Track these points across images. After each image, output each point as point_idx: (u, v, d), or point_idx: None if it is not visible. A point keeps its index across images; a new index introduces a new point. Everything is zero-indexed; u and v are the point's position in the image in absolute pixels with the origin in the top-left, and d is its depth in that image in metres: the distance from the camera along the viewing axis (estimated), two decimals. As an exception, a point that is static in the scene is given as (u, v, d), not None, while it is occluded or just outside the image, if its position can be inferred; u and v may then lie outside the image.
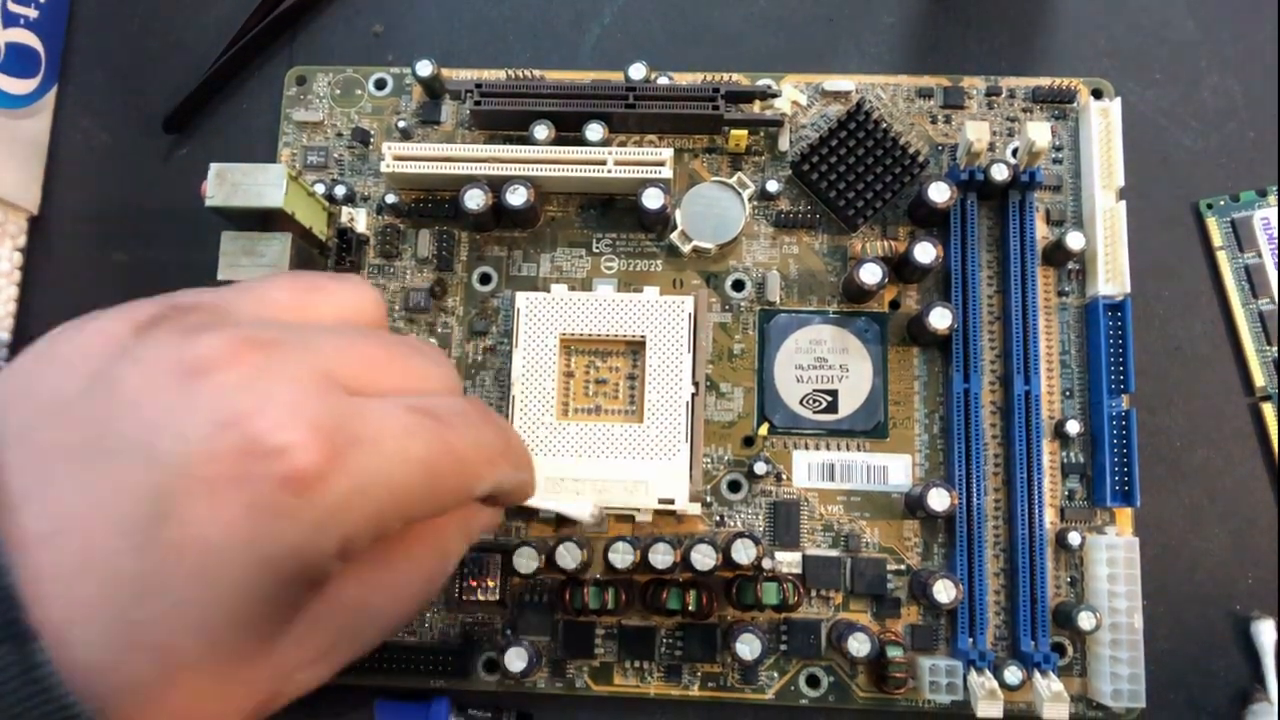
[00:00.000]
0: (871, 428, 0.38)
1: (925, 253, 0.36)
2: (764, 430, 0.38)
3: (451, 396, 0.23)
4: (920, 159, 0.38)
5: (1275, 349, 0.38)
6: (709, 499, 0.38)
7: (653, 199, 0.37)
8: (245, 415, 0.18)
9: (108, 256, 0.42)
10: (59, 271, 0.42)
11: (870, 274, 0.37)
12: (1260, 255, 0.39)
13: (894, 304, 0.39)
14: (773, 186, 0.39)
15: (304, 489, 0.18)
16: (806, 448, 0.38)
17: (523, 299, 0.37)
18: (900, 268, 0.38)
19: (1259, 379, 0.38)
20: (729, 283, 0.39)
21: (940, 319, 0.36)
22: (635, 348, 0.38)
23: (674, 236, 0.39)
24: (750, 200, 0.39)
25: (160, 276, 0.41)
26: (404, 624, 0.24)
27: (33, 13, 0.42)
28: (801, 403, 0.38)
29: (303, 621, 0.20)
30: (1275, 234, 0.39)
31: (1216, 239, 0.39)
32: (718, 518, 0.38)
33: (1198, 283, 0.39)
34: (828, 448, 0.38)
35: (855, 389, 0.38)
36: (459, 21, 0.43)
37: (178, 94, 0.42)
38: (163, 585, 0.18)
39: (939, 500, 0.35)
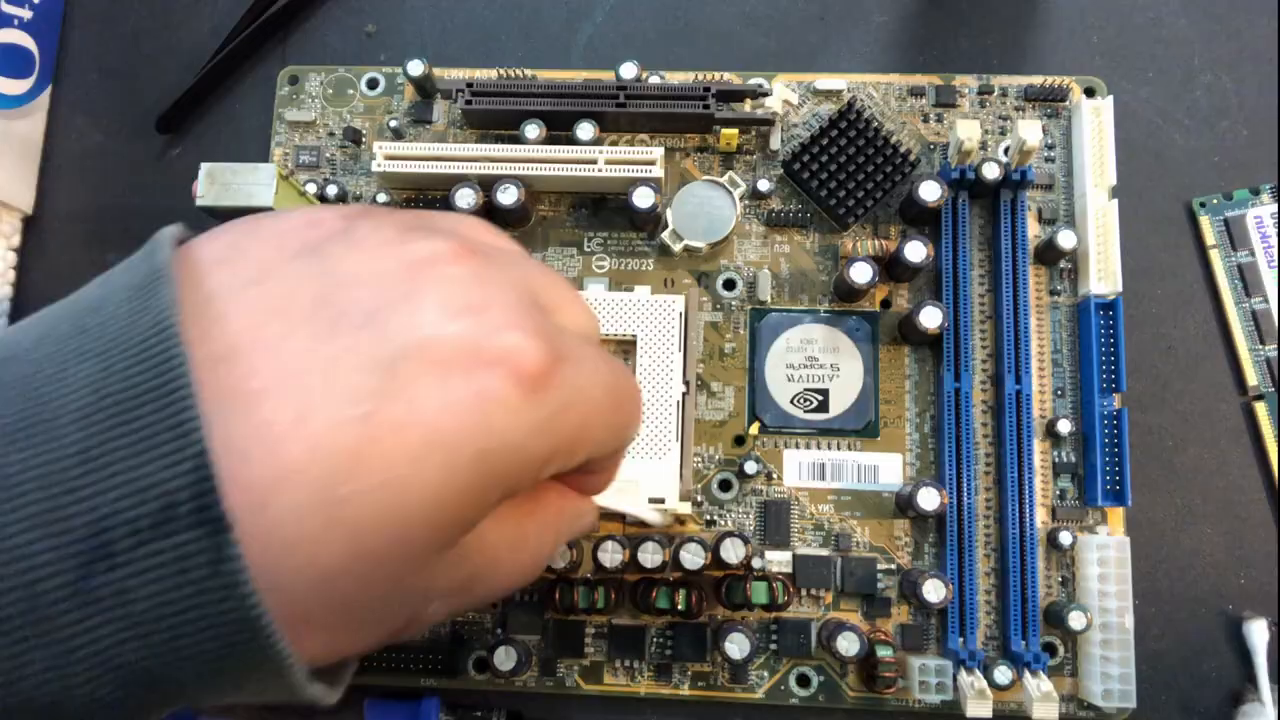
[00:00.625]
0: (862, 427, 0.38)
1: (916, 252, 0.36)
2: (755, 429, 0.38)
3: (598, 337, 0.24)
4: (911, 158, 0.38)
5: (1268, 348, 0.38)
6: (699, 498, 0.38)
7: (643, 198, 0.37)
8: (475, 309, 0.18)
9: (101, 256, 0.42)
10: (53, 271, 0.42)
11: (861, 273, 0.37)
12: (1253, 254, 0.39)
13: (885, 303, 0.39)
14: (764, 185, 0.39)
15: (531, 389, 0.18)
16: (797, 447, 0.38)
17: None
18: (891, 266, 0.38)
19: (1252, 378, 0.38)
20: (720, 282, 0.39)
21: (931, 318, 0.36)
22: (626, 347, 0.38)
23: (665, 235, 0.39)
24: (741, 199, 0.39)
25: (153, 276, 0.42)
26: (514, 588, 0.23)
27: (27, 13, 0.42)
28: (792, 402, 0.38)
29: (458, 550, 0.19)
30: (1268, 232, 0.39)
31: (1209, 237, 0.39)
32: (708, 517, 0.38)
33: (1190, 282, 0.39)
34: (818, 447, 0.38)
35: (846, 388, 0.38)
36: (451, 21, 0.43)
37: (171, 94, 0.42)
38: (378, 463, 0.17)
39: (929, 499, 0.35)
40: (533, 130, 0.39)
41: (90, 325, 0.17)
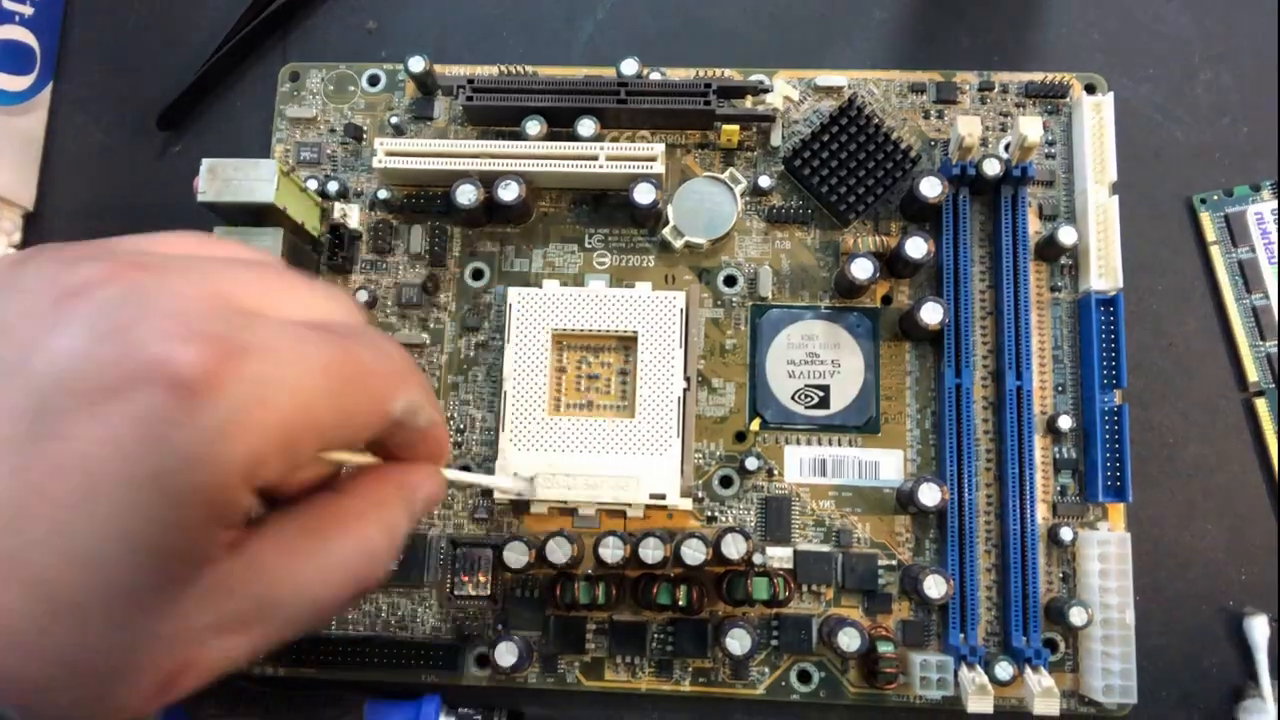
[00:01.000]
0: (863, 423, 0.38)
1: (917, 248, 0.36)
2: (755, 425, 0.38)
3: (351, 321, 0.22)
4: (912, 154, 0.38)
5: (1268, 344, 0.38)
6: (700, 494, 0.38)
7: (644, 194, 0.37)
8: (123, 326, 0.17)
9: (102, 253, 0.42)
10: (54, 268, 0.42)
11: (862, 269, 0.37)
12: (1254, 250, 0.39)
13: (886, 299, 0.39)
14: (765, 182, 0.39)
15: (192, 395, 0.16)
16: (798, 443, 0.38)
17: (515, 294, 0.38)
18: (892, 263, 0.38)
19: (1252, 374, 0.38)
20: (721, 278, 0.39)
21: (932, 314, 0.36)
22: (627, 343, 0.38)
23: (666, 232, 0.39)
24: (742, 195, 0.39)
25: (154, 272, 0.42)
26: (339, 607, 0.21)
27: (28, 10, 0.42)
28: (793, 398, 0.38)
29: (215, 577, 0.18)
30: (1269, 229, 0.39)
31: (1210, 234, 0.39)
32: (709, 513, 0.38)
33: (1191, 278, 0.39)
34: (819, 443, 0.38)
35: (847, 384, 0.38)
36: (452, 17, 0.43)
37: (172, 90, 0.42)
38: (40, 509, 0.16)
39: (930, 495, 0.35)
40: (534, 126, 0.39)
41: None
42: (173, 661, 0.19)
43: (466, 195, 0.38)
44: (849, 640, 0.34)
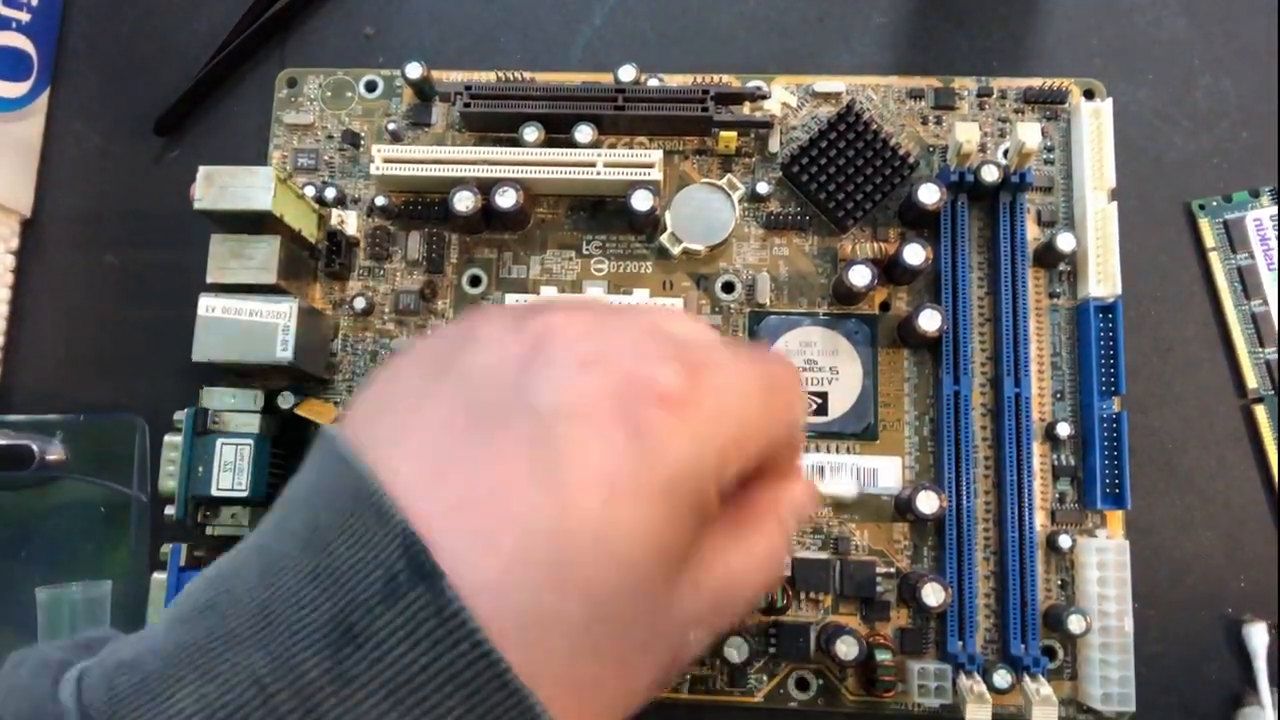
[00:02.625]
0: (861, 430, 0.38)
1: (915, 254, 0.36)
2: (753, 432, 0.38)
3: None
4: (910, 160, 0.38)
5: (1267, 351, 0.38)
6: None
7: (642, 201, 0.37)
8: (603, 354, 0.19)
9: (99, 259, 0.42)
10: (51, 274, 0.42)
11: (860, 276, 0.36)
12: (1252, 256, 0.39)
13: (884, 306, 0.39)
14: (763, 188, 0.39)
15: (680, 406, 0.19)
16: (796, 450, 0.38)
17: (513, 301, 0.37)
18: (890, 269, 0.38)
19: (1251, 381, 0.38)
20: (719, 284, 0.39)
21: (930, 321, 0.36)
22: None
23: (664, 238, 0.39)
24: (740, 202, 0.39)
25: (151, 279, 0.41)
26: (758, 597, 0.26)
27: (25, 16, 0.42)
28: (791, 405, 0.38)
29: (688, 576, 0.21)
30: (1268, 235, 0.39)
31: (1209, 240, 0.39)
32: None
33: (1190, 284, 0.39)
34: (818, 450, 0.38)
35: (845, 391, 0.38)
36: (449, 24, 0.43)
37: (169, 97, 0.42)
38: (579, 521, 0.18)
39: (928, 503, 0.35)
40: (531, 133, 0.39)
41: (291, 493, 0.20)
42: (673, 648, 0.21)
43: (464, 202, 0.38)
44: (847, 648, 0.34)
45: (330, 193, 0.40)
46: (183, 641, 0.18)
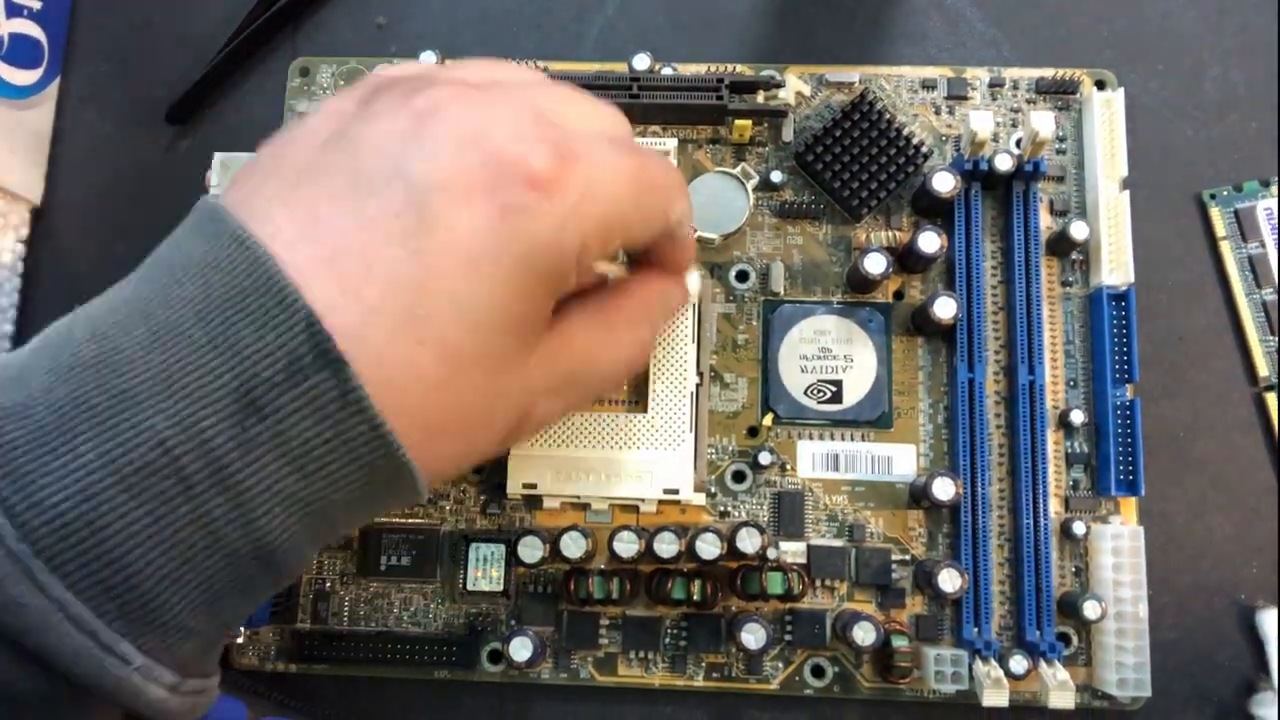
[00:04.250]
0: (876, 418, 0.38)
1: (930, 243, 0.36)
2: (768, 420, 0.38)
3: (628, 135, 0.26)
4: (924, 149, 0.38)
5: (1278, 339, 0.38)
6: (713, 489, 0.38)
7: None
8: (481, 133, 0.21)
9: (110, 248, 0.42)
10: (62, 263, 0.42)
11: (875, 264, 0.37)
12: (1264, 245, 0.39)
13: (898, 294, 0.39)
14: (777, 177, 0.39)
15: (547, 189, 0.21)
16: (811, 438, 0.38)
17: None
18: (904, 258, 0.38)
19: (1263, 369, 0.38)
20: (733, 273, 0.39)
21: (944, 309, 0.36)
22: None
23: (678, 227, 0.39)
24: (754, 191, 0.39)
25: (163, 268, 0.41)
26: (616, 385, 0.27)
27: (36, 3, 0.42)
28: (806, 393, 0.38)
29: (545, 349, 0.23)
30: (1278, 224, 0.39)
31: (1220, 229, 0.39)
32: (722, 508, 0.38)
33: (1201, 273, 0.39)
34: (832, 438, 0.38)
35: (859, 379, 0.38)
36: (462, 12, 0.43)
37: (181, 85, 0.42)
38: (439, 284, 0.20)
39: (944, 490, 0.35)
40: (546, 121, 0.39)
41: (173, 260, 0.21)
42: (519, 412, 0.23)
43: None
44: (864, 635, 0.34)
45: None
46: (74, 395, 0.18)
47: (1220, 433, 0.38)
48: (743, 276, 0.39)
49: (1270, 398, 0.38)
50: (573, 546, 0.35)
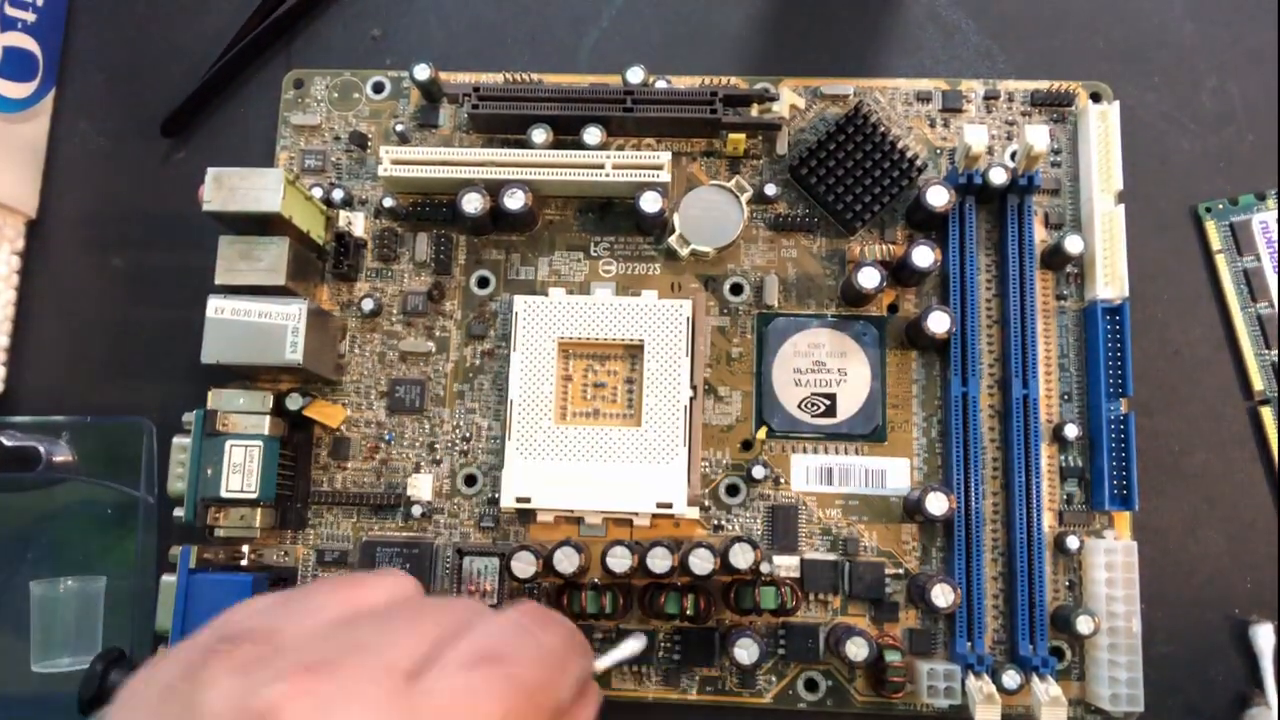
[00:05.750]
0: (870, 431, 0.38)
1: (924, 256, 0.36)
2: (762, 434, 0.38)
3: (503, 619, 0.24)
4: (918, 162, 0.38)
5: (1274, 353, 0.38)
6: (707, 503, 0.38)
7: (651, 202, 0.37)
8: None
9: (106, 260, 0.42)
10: (57, 275, 0.42)
11: (868, 278, 0.37)
12: (1259, 259, 0.39)
13: (892, 308, 0.39)
14: (771, 190, 0.39)
15: None
16: (805, 451, 0.38)
17: (521, 302, 0.37)
18: (899, 271, 0.38)
19: (1258, 383, 0.38)
20: (727, 286, 0.39)
21: (939, 323, 0.36)
22: (633, 351, 0.38)
23: (672, 240, 0.39)
24: (748, 203, 0.39)
25: (158, 281, 0.41)
26: None
27: (30, 16, 0.42)
28: (800, 406, 0.38)
29: None
30: (1274, 237, 0.39)
31: (1215, 242, 0.39)
32: (716, 522, 0.38)
33: (1196, 286, 0.39)
34: (826, 451, 0.38)
35: (853, 392, 0.38)
36: (456, 25, 0.43)
37: (175, 97, 0.42)
38: None
39: (937, 505, 0.35)
40: (540, 135, 0.39)
41: None
42: None
43: (472, 204, 0.38)
44: (857, 650, 0.34)
45: (338, 194, 0.40)
46: None
47: (1214, 447, 0.38)
48: (737, 289, 0.39)
49: (1265, 412, 0.38)
50: (565, 562, 0.35)
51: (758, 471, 0.37)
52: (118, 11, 0.44)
